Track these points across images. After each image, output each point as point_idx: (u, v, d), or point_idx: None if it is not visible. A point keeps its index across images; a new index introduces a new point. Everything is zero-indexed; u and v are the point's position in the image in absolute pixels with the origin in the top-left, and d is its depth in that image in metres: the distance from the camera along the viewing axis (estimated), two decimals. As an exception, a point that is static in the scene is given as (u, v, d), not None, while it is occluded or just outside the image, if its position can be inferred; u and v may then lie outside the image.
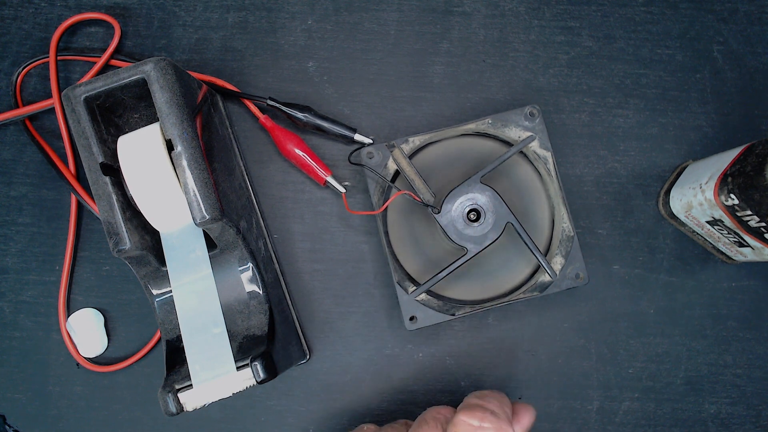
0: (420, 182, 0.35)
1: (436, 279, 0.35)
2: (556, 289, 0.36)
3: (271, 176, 0.40)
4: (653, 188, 0.40)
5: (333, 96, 0.41)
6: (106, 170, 0.31)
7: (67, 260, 0.39)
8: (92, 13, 0.40)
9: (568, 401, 0.39)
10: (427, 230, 0.38)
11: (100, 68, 0.39)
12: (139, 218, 0.32)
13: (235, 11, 0.41)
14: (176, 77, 0.31)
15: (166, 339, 0.33)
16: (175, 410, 0.29)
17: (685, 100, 0.41)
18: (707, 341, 0.39)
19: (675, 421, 0.39)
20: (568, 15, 0.41)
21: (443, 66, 0.41)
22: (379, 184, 0.37)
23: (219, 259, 0.34)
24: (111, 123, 0.33)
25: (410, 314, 0.36)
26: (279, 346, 0.33)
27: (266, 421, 0.39)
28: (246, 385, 0.30)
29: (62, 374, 0.39)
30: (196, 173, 0.30)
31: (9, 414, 0.39)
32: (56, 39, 0.39)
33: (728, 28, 0.41)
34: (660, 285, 0.40)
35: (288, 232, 0.40)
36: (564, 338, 0.39)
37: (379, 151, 0.37)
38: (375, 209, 0.37)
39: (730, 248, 0.37)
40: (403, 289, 0.36)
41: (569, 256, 0.36)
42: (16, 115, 0.39)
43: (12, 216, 0.40)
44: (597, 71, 0.41)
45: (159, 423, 0.39)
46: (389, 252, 0.37)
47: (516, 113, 0.37)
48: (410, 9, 0.41)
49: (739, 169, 0.31)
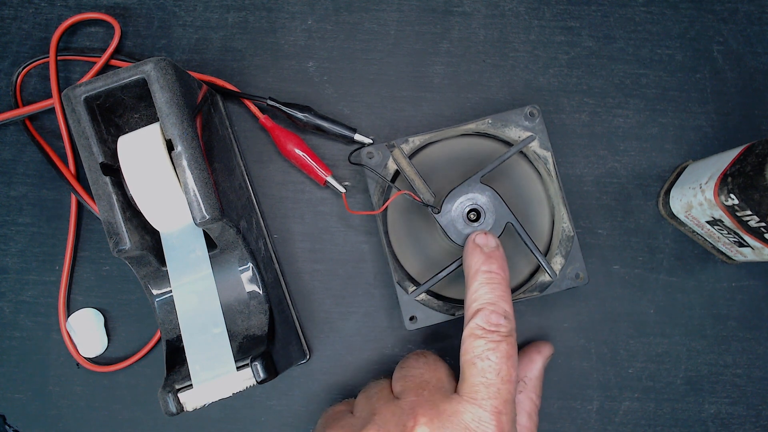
0: (420, 182, 0.35)
1: (436, 279, 0.35)
2: (556, 289, 0.36)
3: (271, 176, 0.40)
4: (653, 188, 0.40)
5: (333, 96, 0.41)
6: (106, 170, 0.31)
7: (67, 260, 0.39)
8: (92, 13, 0.40)
9: (568, 401, 0.39)
10: (427, 230, 0.38)
11: (100, 68, 0.39)
12: (139, 218, 0.32)
13: (235, 11, 0.41)
14: (176, 77, 0.31)
15: (166, 339, 0.33)
16: (175, 410, 0.29)
17: (685, 100, 0.41)
18: (707, 341, 0.39)
19: (675, 421, 0.39)
20: (568, 15, 0.41)
21: (443, 66, 0.41)
22: (379, 184, 0.37)
23: (219, 259, 0.34)
24: (111, 123, 0.33)
25: (410, 314, 0.36)
26: (279, 346, 0.33)
27: (266, 421, 0.39)
28: (246, 385, 0.30)
29: (62, 374, 0.39)
30: (196, 173, 0.30)
31: (9, 414, 0.39)
32: (56, 39, 0.39)
33: (728, 28, 0.41)
34: (660, 285, 0.40)
35: (288, 232, 0.40)
36: (564, 338, 0.39)
37: (379, 151, 0.37)
38: (375, 209, 0.37)
39: (730, 248, 0.37)
40: (403, 289, 0.36)
41: (569, 256, 0.36)
42: (16, 115, 0.39)
43: (12, 216, 0.40)
44: (597, 71, 0.41)
45: (159, 423, 0.39)
46: (389, 252, 0.37)
47: (516, 113, 0.37)
48: (410, 9, 0.41)
49: (739, 169, 0.31)
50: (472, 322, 0.29)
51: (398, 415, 0.29)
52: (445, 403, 0.28)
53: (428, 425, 0.27)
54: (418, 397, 0.29)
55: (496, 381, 0.28)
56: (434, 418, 0.28)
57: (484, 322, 0.29)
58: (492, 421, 0.27)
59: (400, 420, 0.28)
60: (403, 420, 0.28)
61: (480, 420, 0.27)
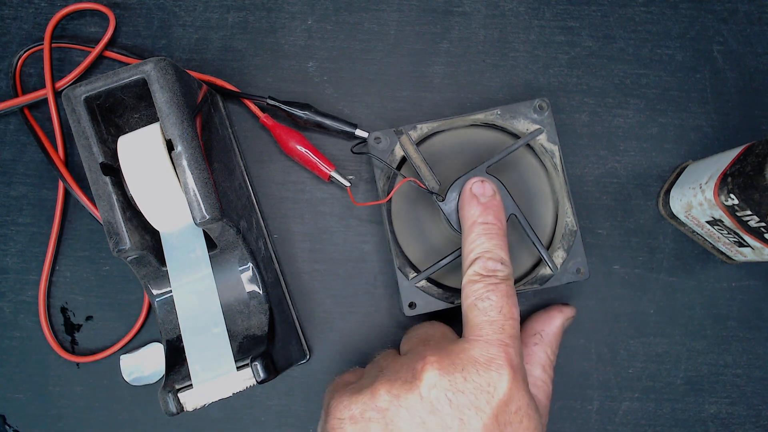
0: (426, 169, 0.35)
1: (438, 266, 0.35)
2: (557, 282, 0.36)
3: (271, 176, 0.40)
4: (653, 188, 0.40)
5: (333, 96, 0.41)
6: (106, 170, 0.31)
7: (52, 241, 0.39)
8: (87, 3, 0.39)
9: (568, 401, 0.39)
10: (431, 218, 0.38)
11: (94, 58, 0.39)
12: (139, 218, 0.32)
13: (235, 11, 0.41)
14: (176, 77, 0.31)
15: (166, 339, 0.33)
16: (175, 410, 0.29)
17: (685, 100, 0.41)
18: (707, 341, 0.39)
19: (675, 421, 0.39)
20: (568, 15, 0.41)
21: (443, 66, 0.41)
22: (385, 171, 0.37)
23: (219, 259, 0.34)
24: (111, 123, 0.33)
25: (410, 300, 0.36)
26: (279, 346, 0.33)
27: (266, 421, 0.39)
28: (246, 385, 0.30)
29: (62, 374, 0.39)
30: (196, 173, 0.30)
31: (9, 414, 0.39)
32: (52, 26, 0.39)
33: (728, 28, 0.41)
34: (660, 285, 0.40)
35: (288, 232, 0.40)
36: (564, 338, 0.39)
37: (387, 136, 0.37)
38: (380, 196, 0.37)
39: (730, 248, 0.37)
40: (403, 275, 0.36)
41: (571, 250, 0.36)
42: (13, 105, 0.39)
43: (12, 216, 0.40)
44: (597, 71, 0.41)
45: (159, 423, 0.39)
46: (392, 238, 0.37)
47: (525, 105, 0.37)
48: (410, 9, 0.41)
49: (738, 169, 0.31)
50: (470, 270, 0.30)
51: (408, 363, 0.29)
52: (452, 344, 0.29)
53: (438, 363, 0.28)
54: (426, 345, 0.30)
55: (499, 318, 0.28)
56: (443, 357, 0.28)
57: (481, 269, 0.30)
58: (501, 353, 0.28)
59: (410, 366, 0.28)
60: (413, 365, 0.28)
61: (488, 353, 0.28)
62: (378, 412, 0.27)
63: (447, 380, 0.27)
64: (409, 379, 0.28)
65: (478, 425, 0.26)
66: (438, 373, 0.27)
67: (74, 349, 0.40)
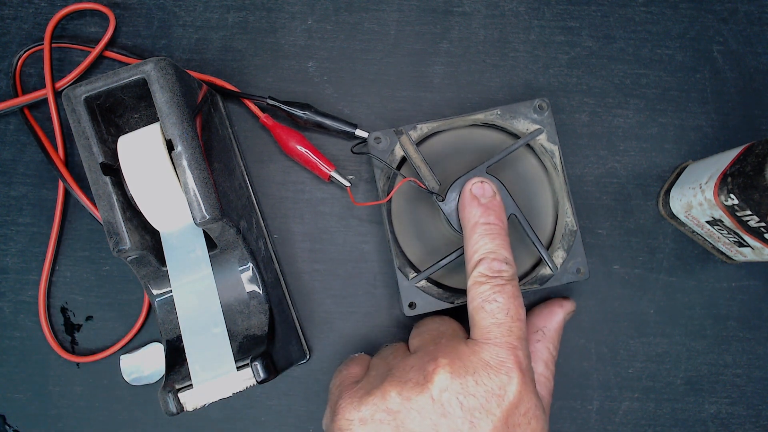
0: (426, 169, 0.35)
1: (438, 266, 0.35)
2: (557, 282, 0.36)
3: (271, 176, 0.40)
4: (653, 188, 0.40)
5: (333, 96, 0.41)
6: (106, 170, 0.31)
7: (52, 239, 0.39)
8: (87, 3, 0.39)
9: (568, 401, 0.39)
10: (430, 218, 0.38)
11: (94, 58, 0.39)
12: (139, 218, 0.32)
13: (235, 11, 0.41)
14: (176, 77, 0.31)
15: (166, 339, 0.33)
16: (175, 410, 0.29)
17: (685, 100, 0.41)
18: (707, 341, 0.39)
19: (675, 421, 0.39)
20: (568, 15, 0.41)
21: (443, 66, 0.41)
22: (385, 171, 0.37)
23: (219, 259, 0.34)
24: (111, 123, 0.33)
25: (410, 300, 0.36)
26: (279, 346, 0.33)
27: (266, 421, 0.39)
28: (246, 385, 0.30)
29: (62, 374, 0.39)
30: (196, 173, 0.30)
31: (9, 414, 0.39)
32: (52, 25, 0.39)
33: (728, 28, 0.41)
34: (660, 285, 0.40)
35: (288, 232, 0.40)
36: (564, 338, 0.39)
37: (387, 136, 0.37)
38: (380, 196, 0.37)
39: (730, 248, 0.37)
40: (403, 275, 0.36)
41: (571, 250, 0.36)
42: (13, 105, 0.39)
43: (12, 216, 0.40)
44: (597, 71, 0.41)
45: (159, 423, 0.39)
46: (392, 238, 0.37)
47: (525, 105, 0.37)
48: (410, 9, 0.41)
49: (738, 169, 0.31)
50: (475, 272, 0.30)
51: (418, 363, 0.29)
52: (462, 345, 0.29)
53: (449, 366, 0.28)
54: (437, 345, 0.30)
55: (507, 320, 0.29)
56: (455, 359, 0.28)
57: (486, 270, 0.30)
58: (510, 356, 0.28)
59: (421, 367, 0.28)
60: (424, 366, 0.28)
61: (498, 356, 0.28)
62: (388, 414, 0.27)
63: (458, 383, 0.27)
64: (420, 381, 0.28)
65: (488, 428, 0.27)
66: (450, 375, 0.27)
67: (74, 349, 0.40)
